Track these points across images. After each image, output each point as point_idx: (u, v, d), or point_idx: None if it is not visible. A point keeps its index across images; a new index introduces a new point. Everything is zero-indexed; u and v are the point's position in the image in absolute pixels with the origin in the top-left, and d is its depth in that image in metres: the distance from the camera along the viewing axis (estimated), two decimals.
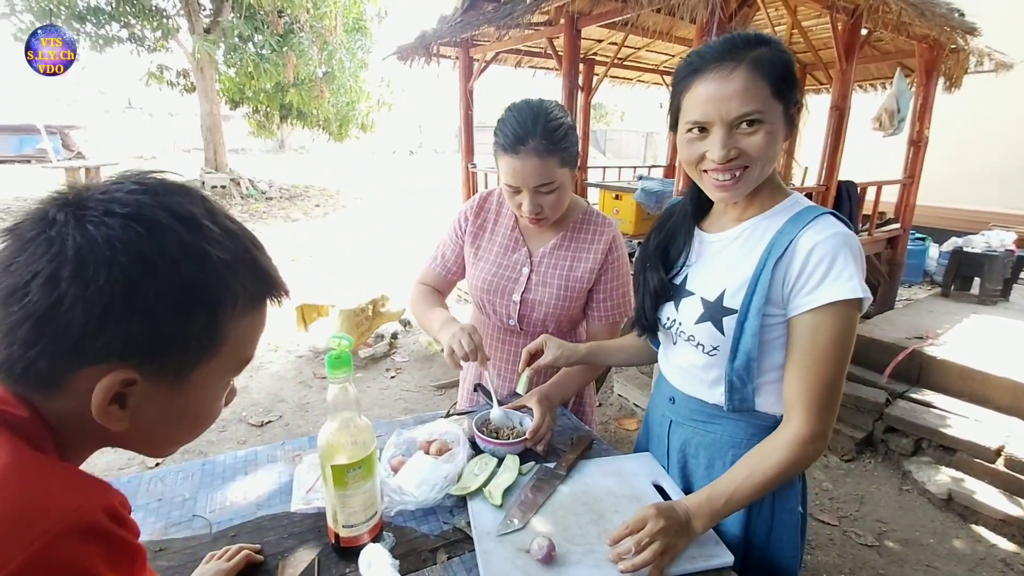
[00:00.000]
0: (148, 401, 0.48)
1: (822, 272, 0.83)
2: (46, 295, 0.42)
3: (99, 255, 0.43)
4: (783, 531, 0.98)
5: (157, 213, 0.46)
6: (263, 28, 10.47)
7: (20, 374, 0.45)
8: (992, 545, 2.30)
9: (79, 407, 0.46)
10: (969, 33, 3.76)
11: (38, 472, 0.43)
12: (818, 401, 0.85)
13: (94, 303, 0.43)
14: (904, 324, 3.57)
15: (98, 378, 0.45)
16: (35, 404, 0.46)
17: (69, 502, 0.42)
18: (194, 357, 0.50)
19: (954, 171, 6.33)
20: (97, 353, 0.45)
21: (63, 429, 0.47)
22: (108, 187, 0.48)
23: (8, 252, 0.44)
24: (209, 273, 0.48)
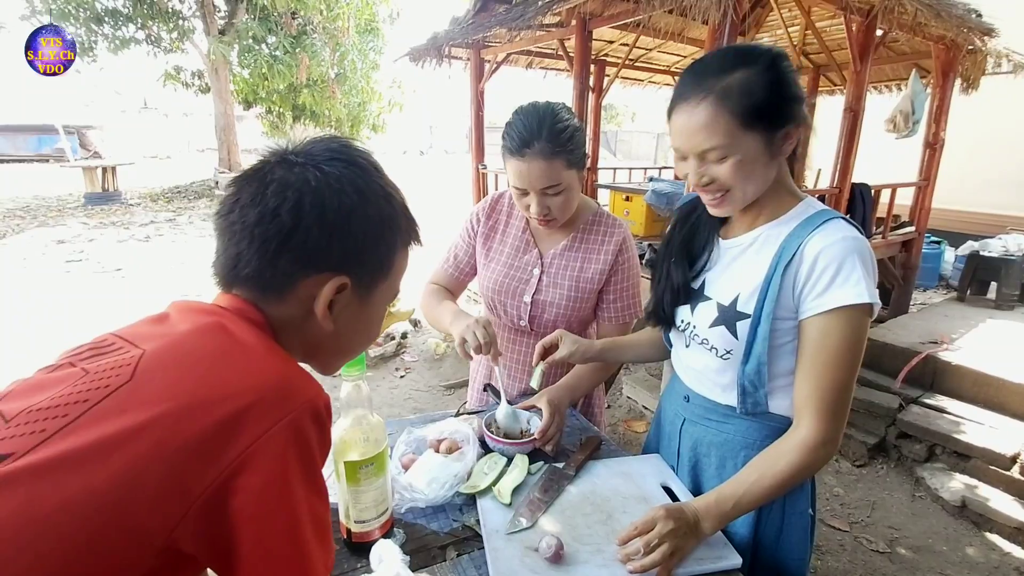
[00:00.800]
0: (347, 308, 0.62)
1: (829, 276, 0.82)
2: (292, 217, 0.55)
3: (333, 186, 0.57)
4: (792, 533, 0.98)
5: (364, 162, 0.62)
6: (277, 29, 10.59)
7: (267, 281, 0.57)
8: (1006, 553, 2.27)
9: (300, 312, 0.59)
10: (987, 34, 3.71)
11: (287, 360, 0.55)
12: (828, 405, 0.85)
13: (328, 222, 0.57)
14: (918, 328, 3.52)
15: (322, 284, 0.58)
16: (264, 310, 0.58)
17: (310, 388, 0.53)
18: (380, 275, 0.64)
19: (970, 174, 6.23)
20: (325, 263, 0.58)
21: (281, 334, 0.59)
22: (322, 142, 0.61)
23: (254, 188, 0.57)
24: (395, 210, 0.64)
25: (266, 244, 0.56)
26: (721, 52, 0.86)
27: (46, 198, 11.14)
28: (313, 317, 0.59)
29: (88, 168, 10.54)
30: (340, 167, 0.59)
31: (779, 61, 0.84)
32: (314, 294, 0.58)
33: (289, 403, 0.50)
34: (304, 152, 0.60)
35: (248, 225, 0.56)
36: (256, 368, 0.52)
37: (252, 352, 0.53)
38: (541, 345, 1.17)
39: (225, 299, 0.59)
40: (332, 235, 0.57)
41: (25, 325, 4.51)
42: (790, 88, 0.84)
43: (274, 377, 0.52)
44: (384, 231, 0.62)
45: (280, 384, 0.51)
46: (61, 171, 12.18)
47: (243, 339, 0.54)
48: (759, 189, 0.89)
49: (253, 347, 0.53)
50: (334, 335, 0.63)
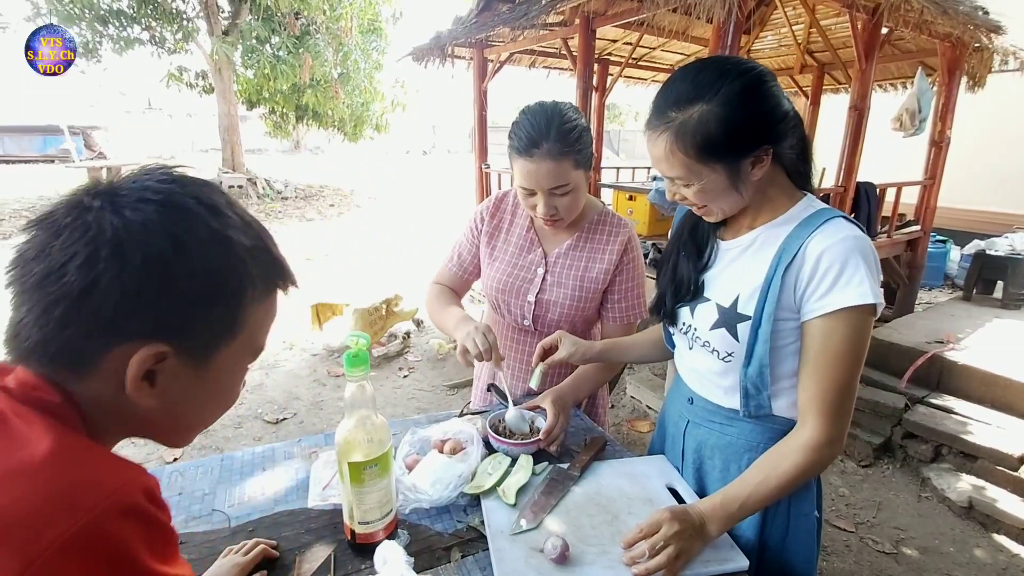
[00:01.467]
0: (175, 380, 0.51)
1: (832, 277, 0.82)
2: (83, 276, 0.45)
3: (136, 237, 0.46)
4: (799, 535, 0.98)
5: (186, 200, 0.50)
6: (280, 30, 10.61)
7: (54, 355, 0.47)
8: (1015, 555, 2.25)
9: (110, 388, 0.48)
10: (993, 31, 3.68)
11: (80, 453, 0.45)
12: (832, 406, 0.84)
13: (130, 282, 0.45)
14: (924, 328, 3.50)
15: (131, 355, 0.47)
16: (66, 388, 0.48)
17: (112, 482, 0.44)
18: (218, 338, 0.52)
19: (977, 172, 6.20)
20: (131, 331, 0.47)
21: (93, 414, 0.49)
22: (137, 178, 0.50)
23: (40, 239, 0.47)
24: (233, 258, 0.51)
25: (49, 310, 0.45)
26: (687, 77, 0.84)
27: (51, 199, 11.16)
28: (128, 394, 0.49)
29: (93, 169, 10.58)
30: (150, 211, 0.47)
31: (743, 91, 0.81)
32: (124, 367, 0.47)
33: (70, 514, 0.40)
34: (107, 192, 0.48)
35: (28, 286, 0.46)
36: (28, 475, 0.41)
37: (27, 452, 0.43)
38: (541, 346, 1.17)
39: (19, 374, 0.48)
40: (138, 297, 0.46)
41: None
42: (755, 119, 0.82)
43: (51, 484, 0.41)
44: (218, 286, 0.50)
45: (57, 492, 0.41)
46: (66, 172, 12.23)
47: (21, 434, 0.44)
48: (735, 206, 0.91)
49: (31, 445, 0.43)
50: (166, 411, 0.52)
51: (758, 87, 0.82)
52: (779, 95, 0.84)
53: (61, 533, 0.39)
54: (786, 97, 0.86)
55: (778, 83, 0.86)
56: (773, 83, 0.84)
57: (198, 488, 1.04)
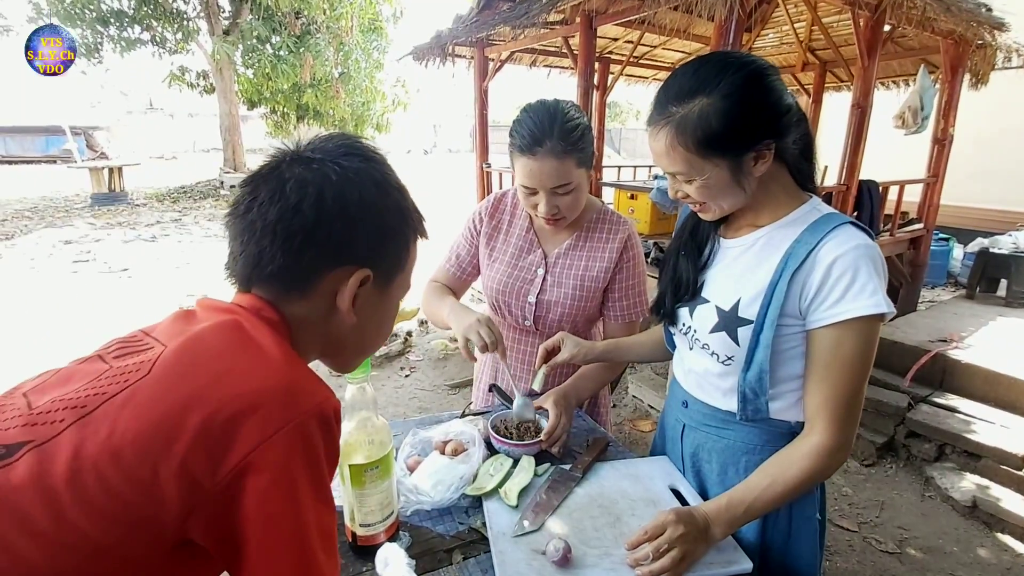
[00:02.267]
0: (367, 302, 0.63)
1: (844, 286, 0.81)
2: (316, 211, 0.56)
3: (353, 180, 0.58)
4: (801, 538, 0.97)
5: (378, 157, 0.63)
6: (280, 29, 10.61)
7: (291, 278, 0.58)
8: (1019, 555, 2.24)
9: (322, 307, 0.60)
10: (997, 28, 3.66)
11: (298, 363, 0.55)
12: (840, 413, 0.84)
13: (350, 216, 0.58)
14: (927, 327, 3.49)
15: (347, 277, 0.59)
16: (283, 310, 0.59)
17: (318, 393, 0.53)
18: (398, 267, 0.65)
19: (980, 170, 6.17)
20: (349, 256, 0.59)
21: (300, 332, 0.60)
22: (335, 139, 0.62)
23: (272, 186, 0.57)
24: (408, 201, 0.65)
25: (289, 240, 0.56)
26: (688, 72, 0.83)
27: (53, 199, 11.22)
28: (335, 312, 0.60)
29: (95, 169, 10.60)
30: (357, 162, 0.59)
31: (744, 84, 0.80)
32: (337, 288, 0.59)
33: (295, 408, 0.50)
34: (318, 148, 0.60)
35: (270, 222, 0.56)
36: (264, 370, 0.52)
37: (263, 353, 0.53)
38: (544, 348, 1.17)
39: (244, 299, 0.59)
40: (355, 228, 0.58)
41: (33, 325, 4.54)
42: (757, 112, 0.81)
43: (282, 380, 0.51)
44: (401, 224, 0.63)
45: (287, 388, 0.51)
46: (68, 172, 12.27)
47: (256, 339, 0.54)
48: (736, 203, 0.89)
49: (264, 348, 0.54)
50: (355, 329, 0.63)
51: (759, 80, 0.81)
52: (781, 89, 0.83)
53: (286, 422, 0.49)
54: (789, 92, 0.85)
55: (780, 77, 0.85)
56: (775, 77, 0.83)
57: None
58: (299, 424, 0.50)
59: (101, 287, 5.68)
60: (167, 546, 0.48)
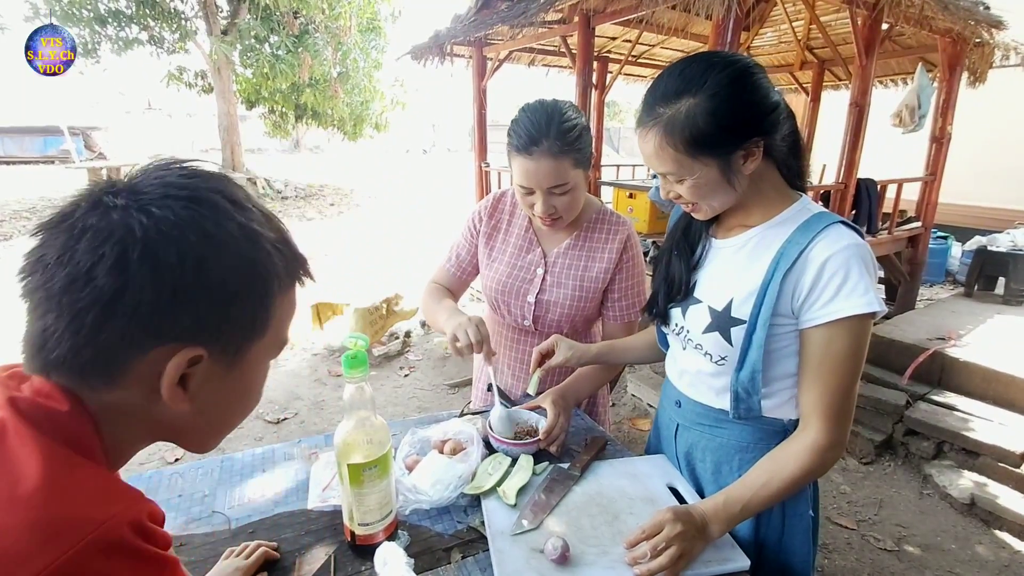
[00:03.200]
0: (207, 382, 0.49)
1: (836, 286, 0.81)
2: (114, 278, 0.42)
3: (168, 235, 0.44)
4: (795, 535, 0.98)
5: (212, 195, 0.48)
6: (279, 29, 10.59)
7: (85, 364, 0.44)
8: (1016, 552, 2.25)
9: (141, 394, 0.47)
10: (995, 27, 3.67)
11: (69, 482, 0.42)
12: (835, 410, 0.85)
13: (166, 282, 0.44)
14: (925, 325, 3.49)
15: (165, 360, 0.45)
16: (85, 399, 0.46)
17: (96, 515, 0.41)
18: (249, 335, 0.51)
19: (978, 168, 6.18)
20: (168, 334, 0.45)
21: (114, 423, 0.47)
22: (155, 173, 0.48)
23: (62, 242, 0.44)
24: (261, 252, 0.50)
25: (79, 317, 0.42)
26: (674, 73, 0.84)
27: (52, 199, 11.19)
28: (161, 399, 0.47)
29: (93, 169, 10.59)
30: (179, 207, 0.45)
31: (730, 82, 0.80)
32: (158, 371, 0.46)
33: (51, 549, 0.38)
34: (127, 189, 0.46)
35: (55, 293, 0.43)
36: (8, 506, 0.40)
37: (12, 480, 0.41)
38: (538, 351, 1.17)
39: (34, 383, 0.46)
40: (173, 298, 0.44)
41: None
42: (743, 110, 0.81)
43: (32, 515, 0.39)
44: (250, 282, 0.49)
45: (39, 524, 0.39)
46: (66, 172, 12.24)
47: (12, 456, 0.42)
48: (727, 202, 0.90)
49: (18, 470, 0.41)
50: (196, 414, 0.51)
51: (745, 78, 0.81)
52: (767, 86, 0.83)
53: (41, 570, 0.37)
54: (776, 90, 0.85)
55: (767, 75, 0.85)
56: (761, 74, 0.83)
57: (198, 490, 1.04)
58: (59, 568, 0.38)
59: None
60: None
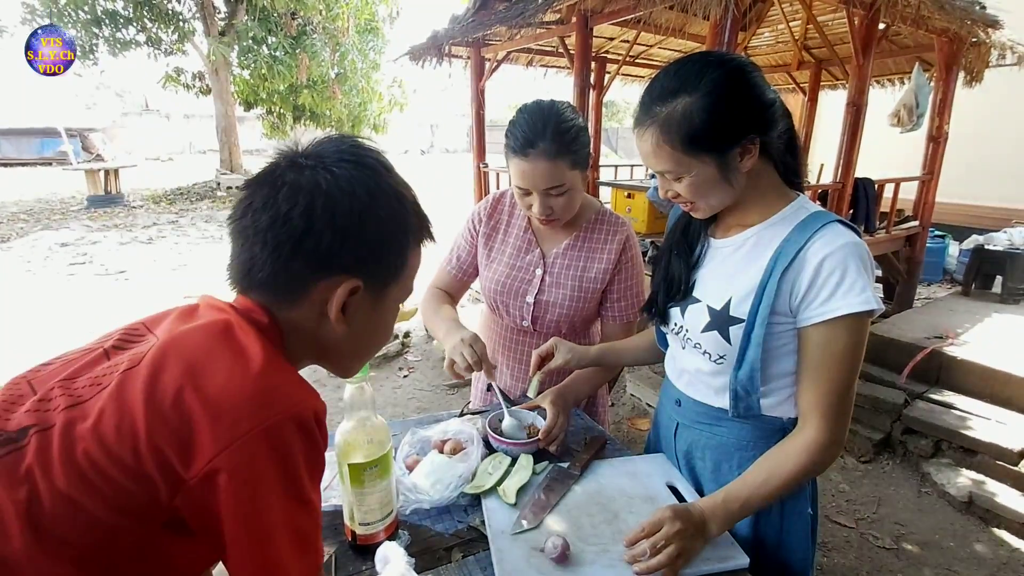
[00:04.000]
0: (360, 310, 0.62)
1: (833, 284, 0.82)
2: (305, 220, 0.56)
3: (344, 188, 0.57)
4: (793, 533, 0.98)
5: (372, 161, 0.61)
6: (277, 30, 10.59)
7: (280, 285, 0.58)
8: (1015, 549, 2.25)
9: (313, 315, 0.60)
10: (991, 26, 3.68)
11: (280, 366, 0.56)
12: (833, 408, 0.85)
13: (339, 225, 0.57)
14: (923, 323, 3.50)
15: (335, 287, 0.59)
16: (275, 314, 0.59)
17: (296, 395, 0.54)
18: (393, 275, 0.64)
19: (975, 167, 6.20)
20: (338, 266, 0.58)
21: (292, 339, 0.61)
22: (332, 144, 0.61)
23: (266, 192, 0.57)
24: (405, 209, 0.63)
25: (279, 248, 0.56)
26: (670, 72, 0.85)
27: (49, 201, 11.18)
28: (327, 320, 0.60)
29: (91, 171, 10.56)
30: (350, 168, 0.58)
31: (725, 80, 0.81)
32: (327, 297, 0.59)
33: (264, 413, 0.51)
34: (314, 154, 0.60)
35: (261, 229, 0.56)
36: (239, 374, 0.52)
37: (243, 357, 0.54)
38: (537, 354, 1.17)
39: (240, 301, 0.60)
40: (344, 238, 0.57)
41: (30, 328, 4.53)
42: (739, 107, 0.82)
43: (253, 386, 0.52)
44: (396, 232, 0.62)
45: (257, 393, 0.51)
46: (64, 174, 12.22)
47: (241, 342, 0.55)
48: (724, 200, 0.90)
49: (247, 351, 0.54)
50: (348, 337, 0.63)
51: (740, 76, 0.82)
52: (762, 84, 0.84)
53: (255, 425, 0.49)
54: (771, 88, 0.86)
55: (762, 74, 0.86)
56: (756, 73, 0.84)
57: None
58: (268, 428, 0.50)
59: (98, 289, 5.67)
60: (158, 523, 0.51)
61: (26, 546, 0.46)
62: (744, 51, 5.30)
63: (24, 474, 0.48)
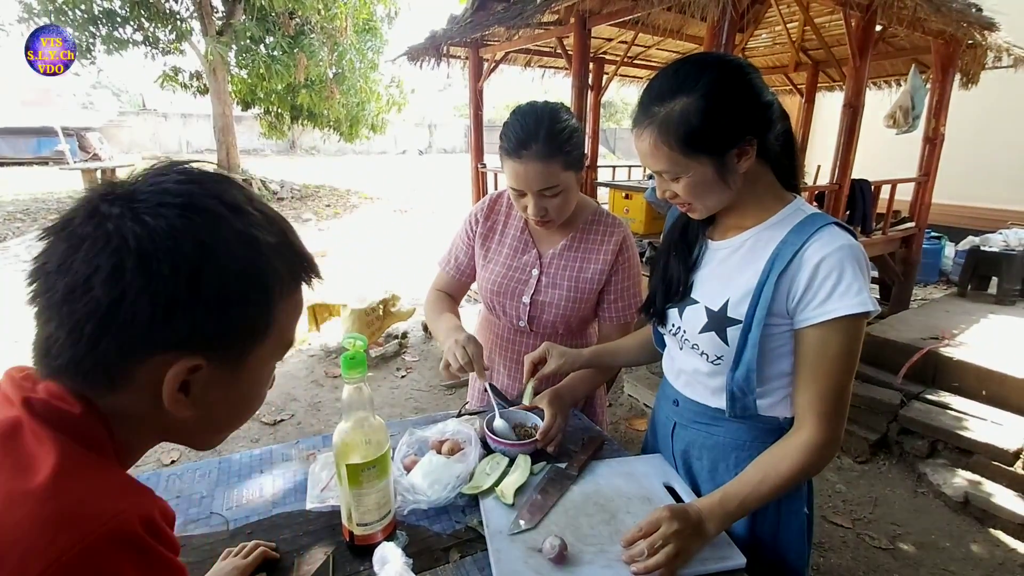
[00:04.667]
0: (209, 388, 0.50)
1: (830, 286, 0.82)
2: (110, 289, 0.43)
3: (161, 245, 0.44)
4: (790, 532, 0.99)
5: (208, 202, 0.47)
6: (275, 30, 10.58)
7: (87, 372, 0.45)
8: (1011, 550, 2.26)
9: (145, 400, 0.47)
10: (987, 28, 3.70)
11: (83, 477, 0.43)
12: (829, 408, 0.85)
13: (160, 293, 0.44)
14: (919, 324, 3.52)
15: (165, 368, 0.46)
16: (93, 402, 0.47)
17: (108, 508, 0.42)
18: (251, 341, 0.51)
19: (971, 169, 6.23)
20: (164, 343, 0.45)
21: (122, 425, 0.48)
22: (153, 178, 0.48)
23: (61, 251, 0.44)
24: (260, 258, 0.49)
25: (77, 328, 0.43)
26: (669, 73, 0.86)
27: (46, 200, 11.13)
28: (163, 404, 0.48)
29: (88, 170, 10.52)
30: (173, 216, 0.45)
31: (723, 81, 0.82)
32: (158, 378, 0.46)
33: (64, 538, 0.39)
34: (124, 196, 0.46)
35: (55, 303, 0.44)
36: (21, 496, 0.41)
37: (27, 471, 0.42)
38: (530, 361, 1.17)
39: (45, 387, 0.47)
40: (169, 309, 0.44)
41: (25, 329, 4.51)
42: (737, 108, 0.83)
43: (45, 507, 0.40)
44: (249, 289, 0.49)
45: (52, 514, 0.40)
46: (61, 173, 12.16)
47: (28, 451, 0.43)
48: (720, 202, 0.91)
49: (34, 464, 0.42)
50: (200, 418, 0.51)
51: (738, 77, 0.83)
52: (760, 85, 0.85)
53: (52, 561, 0.38)
54: (769, 90, 0.86)
55: (760, 76, 0.87)
56: (754, 74, 0.85)
57: (196, 491, 1.04)
58: (74, 558, 0.39)
59: None
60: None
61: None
62: (742, 53, 5.32)
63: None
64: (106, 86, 24.18)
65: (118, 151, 16.25)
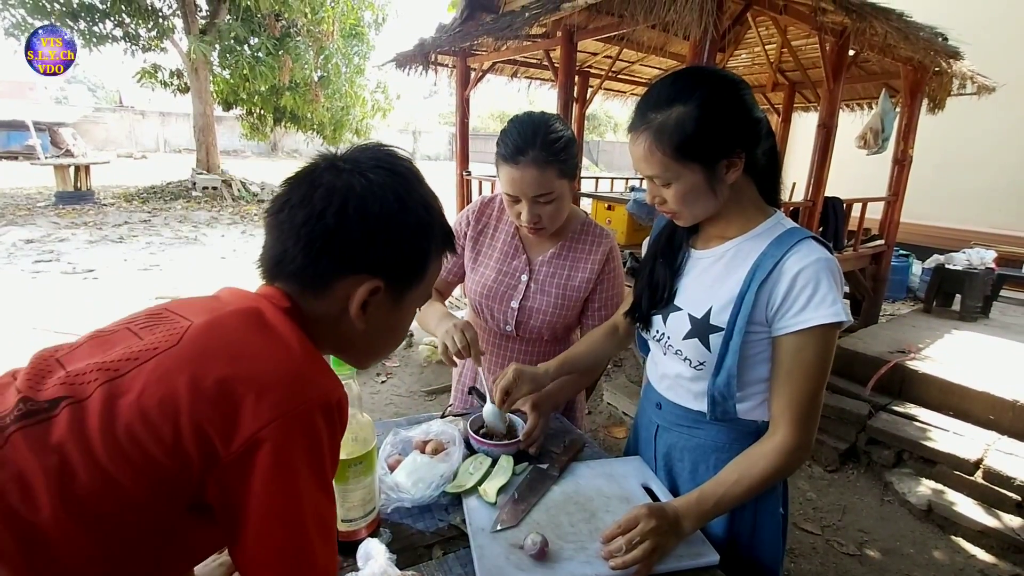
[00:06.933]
0: (379, 310, 0.66)
1: (807, 297, 0.87)
2: (337, 219, 0.60)
3: (375, 193, 0.61)
4: (765, 532, 1.02)
5: (406, 171, 0.66)
6: (260, 31, 10.49)
7: (308, 278, 0.62)
8: (971, 556, 2.35)
9: (335, 309, 0.64)
10: (952, 57, 3.88)
11: (311, 353, 0.59)
12: (802, 413, 0.89)
13: (368, 227, 0.61)
14: (887, 338, 3.64)
15: (358, 285, 0.63)
16: (302, 305, 0.63)
17: (327, 383, 0.57)
18: (413, 280, 0.68)
19: (937, 190, 6.49)
20: (362, 265, 0.62)
21: (314, 328, 0.63)
22: (368, 151, 0.66)
23: (304, 190, 0.62)
24: (433, 219, 0.67)
25: (311, 244, 0.60)
26: (667, 82, 0.90)
27: (15, 196, 10.79)
28: (347, 315, 0.64)
29: (60, 166, 10.24)
30: (383, 175, 0.63)
31: (719, 94, 0.86)
32: (350, 294, 0.63)
33: (302, 395, 0.54)
34: (351, 159, 0.64)
35: (296, 225, 0.60)
36: (278, 355, 0.56)
37: (279, 339, 0.57)
38: (500, 389, 1.15)
39: (267, 290, 0.64)
40: (372, 239, 0.61)
41: (13, 329, 4.36)
42: (729, 121, 0.87)
43: (293, 367, 0.55)
44: (420, 239, 0.66)
45: (296, 375, 0.55)
46: (31, 169, 11.81)
47: (275, 326, 0.58)
48: (707, 211, 0.95)
49: (281, 335, 0.58)
50: (365, 334, 0.67)
51: (732, 92, 0.88)
52: (752, 102, 0.90)
53: (296, 406, 0.53)
54: (760, 108, 0.91)
55: (752, 93, 0.91)
56: (747, 91, 0.90)
57: None
58: (304, 412, 0.53)
59: (65, 288, 5.49)
60: (184, 504, 0.53)
61: (55, 515, 0.47)
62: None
63: (56, 444, 0.49)
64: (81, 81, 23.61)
65: (92, 148, 15.85)
